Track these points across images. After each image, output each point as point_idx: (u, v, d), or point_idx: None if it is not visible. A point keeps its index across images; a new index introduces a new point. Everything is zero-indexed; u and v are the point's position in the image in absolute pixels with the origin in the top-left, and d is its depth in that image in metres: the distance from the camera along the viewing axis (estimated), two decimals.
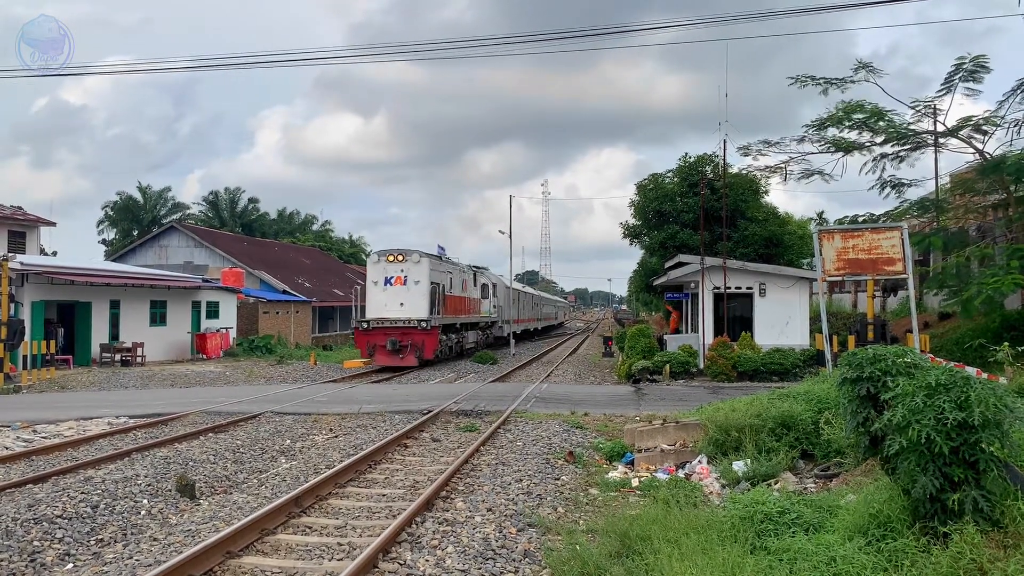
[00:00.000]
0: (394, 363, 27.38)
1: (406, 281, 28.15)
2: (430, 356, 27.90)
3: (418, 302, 27.97)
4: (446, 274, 31.43)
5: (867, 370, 6.76)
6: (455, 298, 32.73)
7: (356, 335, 28.79)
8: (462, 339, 34.51)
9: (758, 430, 10.22)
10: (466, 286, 35.39)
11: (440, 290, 29.70)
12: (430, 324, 27.50)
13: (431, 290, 28.36)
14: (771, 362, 22.04)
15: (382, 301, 28.19)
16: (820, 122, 25.85)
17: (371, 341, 27.71)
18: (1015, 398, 5.87)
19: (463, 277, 35.02)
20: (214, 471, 10.66)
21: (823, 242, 18.73)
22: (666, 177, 35.76)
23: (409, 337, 27.40)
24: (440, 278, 30.15)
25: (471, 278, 36.98)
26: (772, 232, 32.97)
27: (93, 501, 8.76)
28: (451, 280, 32.07)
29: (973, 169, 24.37)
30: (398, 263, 28.48)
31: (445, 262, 32.01)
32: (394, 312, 27.88)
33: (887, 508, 6.00)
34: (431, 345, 27.69)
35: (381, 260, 28.87)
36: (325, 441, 13.06)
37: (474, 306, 37.37)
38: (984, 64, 23.34)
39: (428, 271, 28.57)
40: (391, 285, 28.26)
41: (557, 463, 10.91)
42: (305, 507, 8.48)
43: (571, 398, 18.10)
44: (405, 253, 28.62)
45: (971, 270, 22.91)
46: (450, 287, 31.67)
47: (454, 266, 33.44)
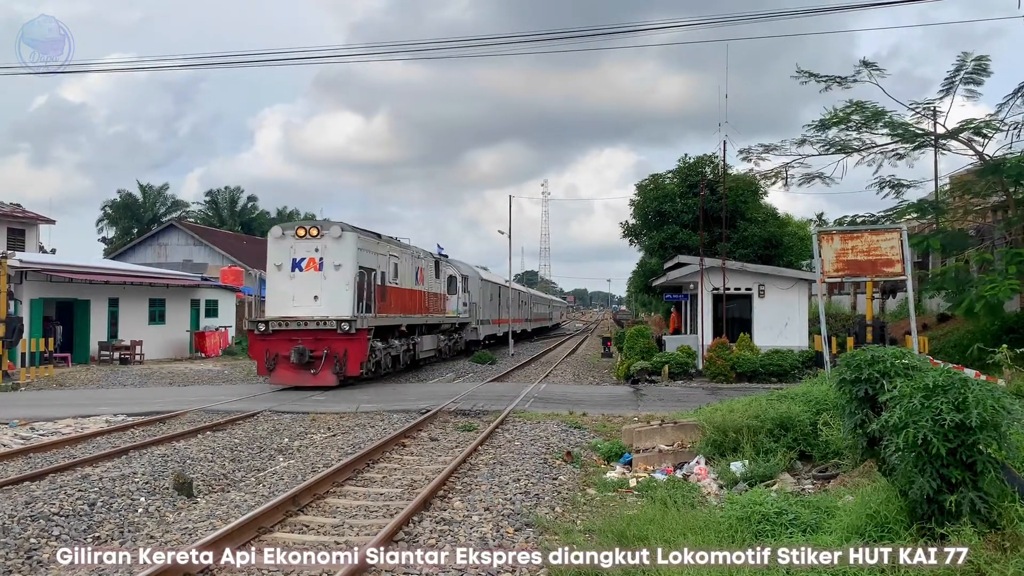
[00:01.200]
0: (302, 381, 19.70)
1: (322, 265, 20.37)
2: (355, 371, 20.14)
3: (339, 294, 20.23)
4: (386, 258, 23.56)
5: (865, 372, 6.77)
6: (402, 291, 24.94)
7: (250, 341, 20.99)
8: (413, 346, 26.28)
9: (756, 431, 10.22)
10: (422, 276, 27.64)
11: (374, 279, 21.98)
12: (355, 326, 19.69)
13: (358, 278, 20.60)
14: (770, 363, 22.03)
15: (287, 293, 20.42)
16: (821, 122, 25.86)
17: (271, 349, 19.86)
18: (1013, 400, 5.87)
19: (417, 265, 27.23)
20: (212, 469, 10.65)
21: (822, 243, 18.73)
22: (666, 178, 35.74)
23: (325, 344, 19.67)
24: (375, 262, 22.39)
25: (430, 267, 29.22)
26: (771, 233, 32.96)
27: (90, 499, 8.75)
28: (396, 267, 24.33)
29: (973, 171, 24.39)
30: (311, 239, 20.53)
31: (386, 242, 24.05)
32: (305, 309, 20.15)
33: (884, 509, 6.00)
34: (356, 355, 20.00)
35: (287, 235, 20.82)
36: (323, 440, 13.05)
37: (435, 303, 29.67)
38: (985, 66, 23.37)
39: (354, 251, 20.66)
40: (300, 270, 20.48)
41: (555, 463, 10.90)
42: (303, 506, 8.47)
43: (569, 398, 18.10)
44: (321, 225, 20.86)
45: (970, 274, 22.94)
46: (393, 276, 24.04)
47: (402, 249, 25.65)
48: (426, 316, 28.02)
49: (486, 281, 39.51)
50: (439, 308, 30.39)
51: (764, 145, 28.59)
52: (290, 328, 19.89)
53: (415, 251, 27.50)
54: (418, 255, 27.65)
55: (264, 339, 20.05)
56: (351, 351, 19.91)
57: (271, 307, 20.97)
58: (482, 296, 37.85)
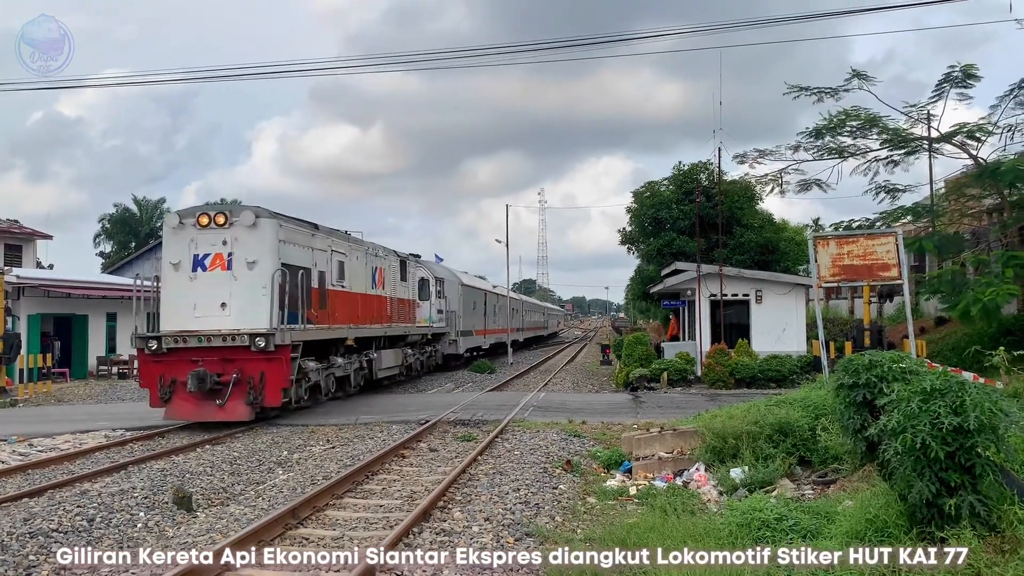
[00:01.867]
0: (204, 415, 15.36)
1: (231, 263, 15.78)
2: (275, 400, 15.54)
3: (253, 300, 15.60)
4: (326, 254, 18.70)
5: (863, 376, 6.79)
6: (352, 296, 20.15)
7: (140, 363, 16.71)
8: (368, 363, 21.39)
9: (755, 437, 10.22)
10: (381, 279, 22.70)
11: (306, 280, 17.19)
12: (274, 341, 15.17)
13: (282, 279, 15.70)
14: (768, 369, 22.05)
15: (187, 300, 15.77)
16: (816, 129, 25.92)
17: (167, 374, 15.49)
18: (1010, 402, 5.89)
19: (375, 264, 22.28)
20: (211, 483, 10.63)
21: (818, 248, 18.80)
22: (662, 185, 35.84)
23: (235, 366, 15.34)
24: (308, 259, 17.64)
25: (394, 267, 24.22)
26: (768, 239, 33.05)
27: (89, 514, 8.73)
28: (341, 266, 19.52)
29: (968, 174, 24.47)
30: (217, 229, 15.94)
31: (326, 234, 19.19)
32: (209, 320, 15.64)
33: (884, 514, 6.01)
34: (277, 379, 15.48)
35: (186, 224, 16.12)
36: (322, 452, 13.03)
37: (401, 311, 24.69)
38: (974, 72, 23.44)
39: (274, 244, 16.01)
40: (204, 270, 15.89)
41: (555, 472, 10.89)
42: (302, 518, 8.45)
43: (569, 406, 18.08)
44: (229, 211, 16.26)
45: (966, 277, 22.98)
46: (338, 277, 19.28)
47: (352, 244, 20.65)
48: (387, 326, 22.95)
49: (468, 287, 35.63)
50: (407, 317, 25.54)
51: (759, 150, 28.60)
52: (189, 345, 15.47)
53: (372, 248, 22.38)
54: (376, 252, 22.62)
55: (157, 360, 15.61)
56: (270, 374, 15.39)
57: (167, 318, 16.00)
58: (463, 303, 33.73)
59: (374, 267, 22.20)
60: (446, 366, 31.78)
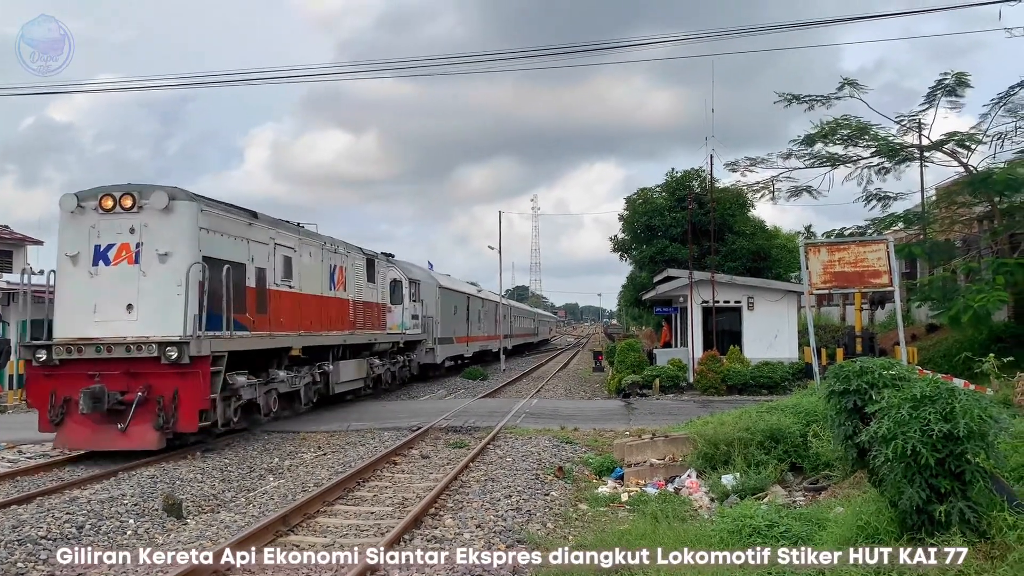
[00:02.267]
0: (103, 443, 12.74)
1: (139, 256, 13.15)
2: (190, 424, 12.78)
3: (166, 301, 12.96)
4: (267, 247, 15.66)
5: (854, 383, 6.80)
6: (302, 298, 16.98)
7: (27, 378, 13.69)
8: (322, 376, 18.22)
9: (747, 443, 10.24)
10: (342, 278, 19.62)
11: (239, 278, 14.37)
12: (190, 352, 12.54)
13: (204, 275, 13.12)
14: (760, 375, 22.09)
15: (86, 300, 13.19)
16: (807, 137, 26.03)
17: (59, 390, 12.84)
18: (1000, 409, 5.91)
19: (334, 262, 19.32)
20: (201, 490, 10.58)
21: (810, 255, 18.84)
22: (655, 192, 35.93)
23: (142, 381, 12.67)
24: (243, 253, 14.78)
25: (358, 266, 21.23)
26: (760, 246, 33.17)
27: (78, 521, 8.68)
28: (287, 262, 16.41)
29: (959, 182, 24.60)
30: (124, 214, 13.29)
31: (268, 225, 16.09)
32: (111, 325, 13.01)
33: (875, 521, 6.02)
34: (193, 398, 12.79)
35: (87, 208, 13.47)
36: (313, 459, 12.99)
37: (367, 315, 21.56)
38: (966, 80, 23.61)
39: (193, 232, 13.39)
40: (107, 264, 13.26)
41: (547, 479, 10.88)
42: (293, 525, 8.43)
43: (561, 413, 18.07)
44: (139, 193, 13.35)
45: (957, 284, 23.09)
46: (283, 275, 16.15)
47: (302, 237, 17.52)
48: (348, 334, 19.89)
49: (447, 289, 32.79)
50: (374, 322, 22.39)
51: (751, 158, 28.74)
52: (86, 356, 12.73)
53: (330, 243, 19.43)
54: (335, 248, 19.63)
55: (48, 374, 12.92)
56: (184, 392, 12.67)
57: (61, 323, 13.29)
58: (442, 308, 31.06)
59: (332, 265, 19.30)
60: (423, 376, 29.25)
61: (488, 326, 41.63)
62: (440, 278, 32.33)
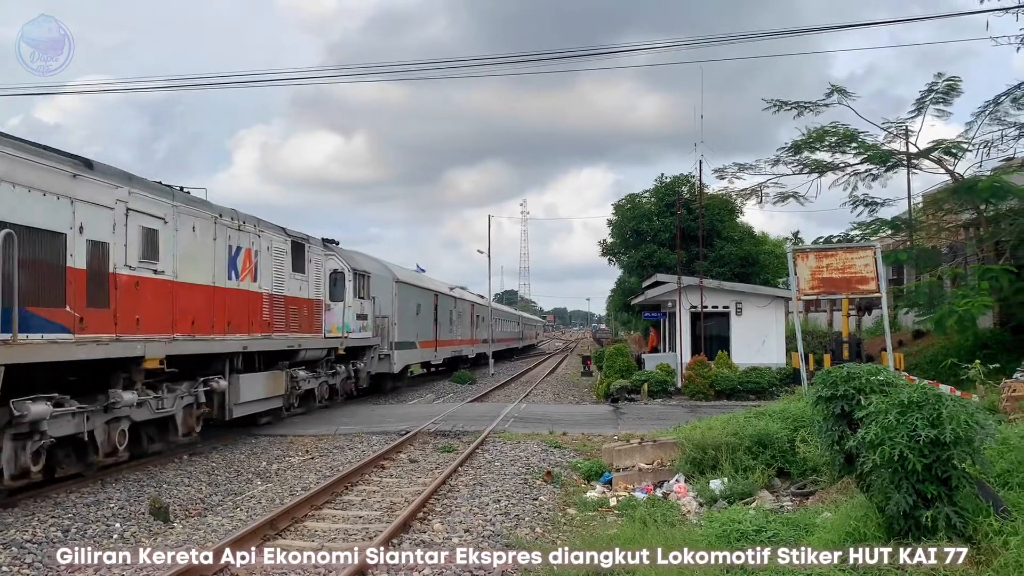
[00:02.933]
0: None
1: None
2: None
3: None
4: (112, 214, 10.93)
5: (841, 388, 6.84)
6: (177, 288, 12.46)
7: None
8: (208, 397, 13.31)
9: (735, 448, 10.26)
10: (250, 266, 15.13)
11: (45, 254, 9.65)
12: None
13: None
14: (748, 381, 22.17)
15: None
16: (795, 145, 26.17)
17: None
18: (986, 415, 5.96)
19: (238, 243, 14.75)
20: (188, 493, 10.52)
21: (797, 261, 18.94)
22: (643, 197, 36.03)
23: None
24: (61, 217, 10.00)
25: (281, 250, 16.76)
26: (748, 252, 33.30)
27: (64, 525, 8.62)
28: (152, 237, 11.83)
29: (946, 190, 24.79)
30: None
31: (110, 181, 11.16)
32: None
33: (862, 525, 6.05)
34: None
35: None
36: (301, 463, 12.94)
37: (292, 314, 17.11)
38: (956, 86, 23.79)
39: None
40: None
41: (535, 483, 10.88)
42: (281, 530, 8.39)
43: (549, 417, 18.07)
44: None
45: (943, 290, 23.26)
46: (141, 255, 11.51)
47: (184, 206, 12.88)
48: (259, 337, 15.42)
49: (407, 284, 26.95)
50: (302, 323, 17.80)
51: (739, 164, 28.89)
52: None
53: (231, 216, 14.63)
54: (239, 225, 14.88)
55: None
56: None
57: None
58: (400, 307, 25.50)
59: (234, 246, 14.64)
60: (377, 388, 24.48)
61: (462, 330, 37.26)
62: (399, 270, 27.06)
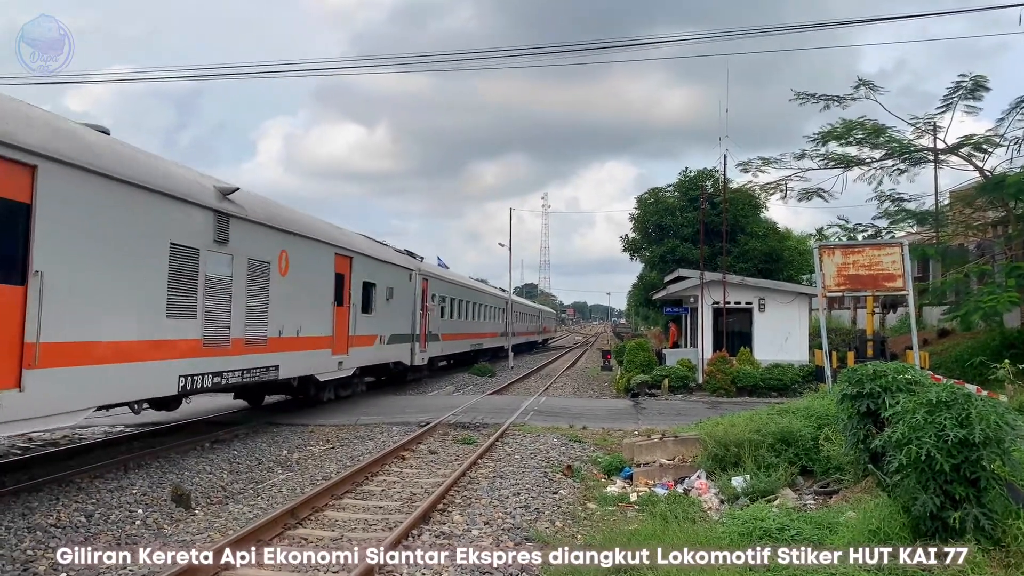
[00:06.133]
0: None
1: None
2: None
3: None
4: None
5: (867, 386, 6.75)
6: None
7: None
8: None
9: (757, 446, 10.18)
10: None
11: None
12: None
13: None
14: (770, 377, 22.02)
15: None
16: (822, 136, 25.91)
17: None
18: (1016, 416, 5.85)
19: None
20: (210, 481, 10.60)
21: (823, 257, 18.75)
22: (667, 191, 35.85)
23: None
24: None
25: None
26: (772, 247, 33.04)
27: (88, 510, 8.71)
28: None
29: (973, 187, 24.45)
30: None
31: None
32: None
33: (887, 526, 5.97)
34: None
35: None
36: (322, 452, 13.00)
37: None
38: (983, 84, 23.42)
39: None
40: None
41: (555, 477, 10.85)
42: (301, 518, 8.42)
43: (569, 411, 18.03)
44: None
45: (970, 286, 22.95)
46: None
47: None
48: None
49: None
50: None
51: (764, 158, 28.67)
52: None
53: None
54: None
55: None
56: None
57: None
58: None
59: None
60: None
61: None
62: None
